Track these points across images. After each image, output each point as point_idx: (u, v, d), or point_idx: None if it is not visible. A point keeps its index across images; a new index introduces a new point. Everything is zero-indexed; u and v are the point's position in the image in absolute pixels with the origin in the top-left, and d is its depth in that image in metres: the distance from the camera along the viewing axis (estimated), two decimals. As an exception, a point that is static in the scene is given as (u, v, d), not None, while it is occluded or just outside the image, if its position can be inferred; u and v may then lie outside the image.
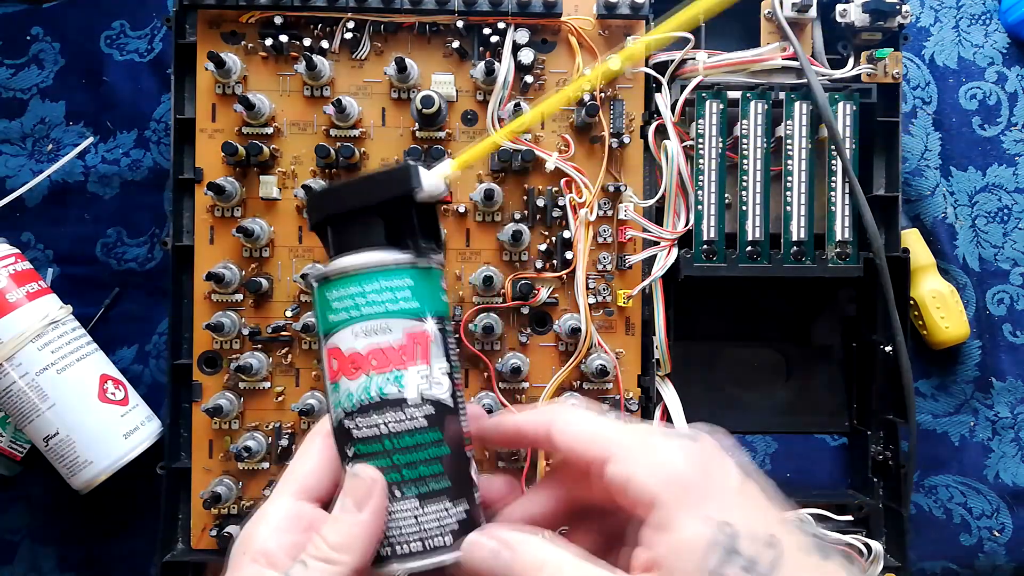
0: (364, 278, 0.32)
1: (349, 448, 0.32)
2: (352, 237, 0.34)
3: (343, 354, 0.32)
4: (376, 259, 0.33)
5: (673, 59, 0.56)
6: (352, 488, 0.31)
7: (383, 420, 0.32)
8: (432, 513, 0.32)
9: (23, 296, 0.55)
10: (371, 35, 0.56)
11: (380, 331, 0.32)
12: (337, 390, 0.32)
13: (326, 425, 0.35)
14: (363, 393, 0.32)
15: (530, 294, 0.55)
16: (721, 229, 0.55)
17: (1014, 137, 0.65)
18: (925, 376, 0.65)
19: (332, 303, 0.32)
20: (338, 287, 0.32)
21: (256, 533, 0.32)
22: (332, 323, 0.32)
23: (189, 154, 0.56)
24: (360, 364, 0.32)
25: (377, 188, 0.34)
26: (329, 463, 0.34)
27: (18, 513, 0.61)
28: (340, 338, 0.32)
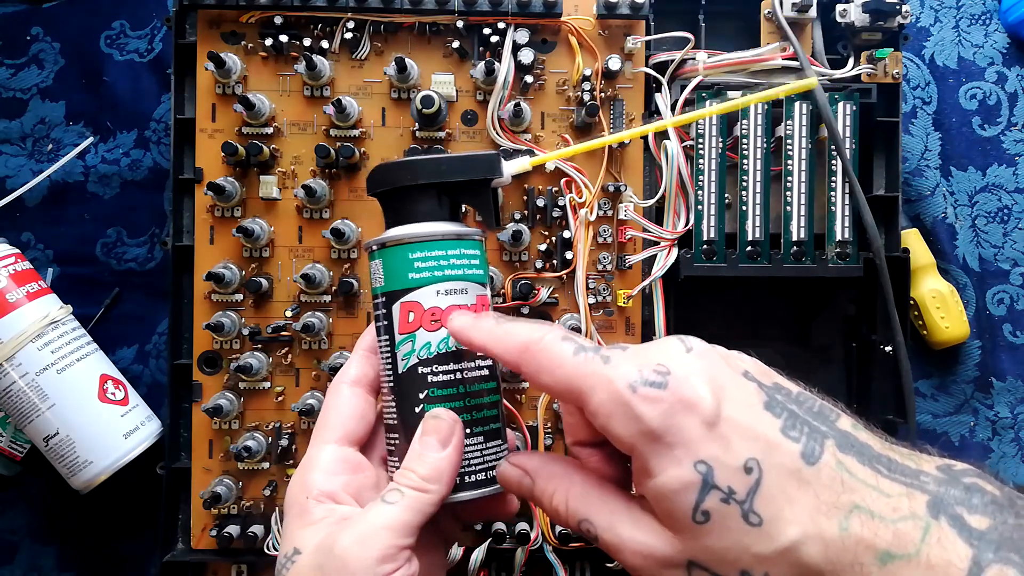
0: (450, 243, 0.37)
1: (422, 391, 0.36)
2: (434, 207, 0.38)
3: (423, 308, 0.36)
4: (460, 229, 0.38)
5: (673, 59, 0.56)
6: (435, 427, 0.35)
7: (459, 367, 0.37)
8: (491, 448, 0.37)
9: (23, 296, 0.55)
10: (371, 35, 0.56)
11: (459, 291, 0.37)
12: (412, 340, 0.36)
13: (351, 373, 0.39)
14: (443, 343, 0.36)
15: (530, 294, 0.55)
16: (721, 229, 0.55)
17: (1014, 137, 0.65)
18: (925, 376, 0.65)
19: (415, 262, 0.36)
20: (425, 248, 0.36)
21: (311, 479, 0.35)
22: (413, 280, 0.36)
23: (189, 154, 0.56)
24: (440, 318, 0.36)
25: (467, 168, 0.38)
26: (361, 410, 0.38)
27: (18, 513, 0.61)
28: (421, 294, 0.36)
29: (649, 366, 0.30)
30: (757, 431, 0.29)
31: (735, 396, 0.29)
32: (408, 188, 0.38)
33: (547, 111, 0.57)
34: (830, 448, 0.28)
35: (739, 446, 0.28)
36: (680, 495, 0.28)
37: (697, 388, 0.29)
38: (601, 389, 0.30)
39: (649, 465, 0.29)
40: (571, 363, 0.31)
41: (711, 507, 0.28)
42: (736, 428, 0.28)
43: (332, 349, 0.56)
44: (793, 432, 0.29)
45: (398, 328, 0.36)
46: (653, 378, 0.29)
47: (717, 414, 0.29)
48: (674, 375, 0.29)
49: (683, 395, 0.29)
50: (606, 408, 0.30)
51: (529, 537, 0.54)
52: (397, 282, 0.37)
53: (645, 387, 0.29)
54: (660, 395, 0.29)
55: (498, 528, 0.55)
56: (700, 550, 0.28)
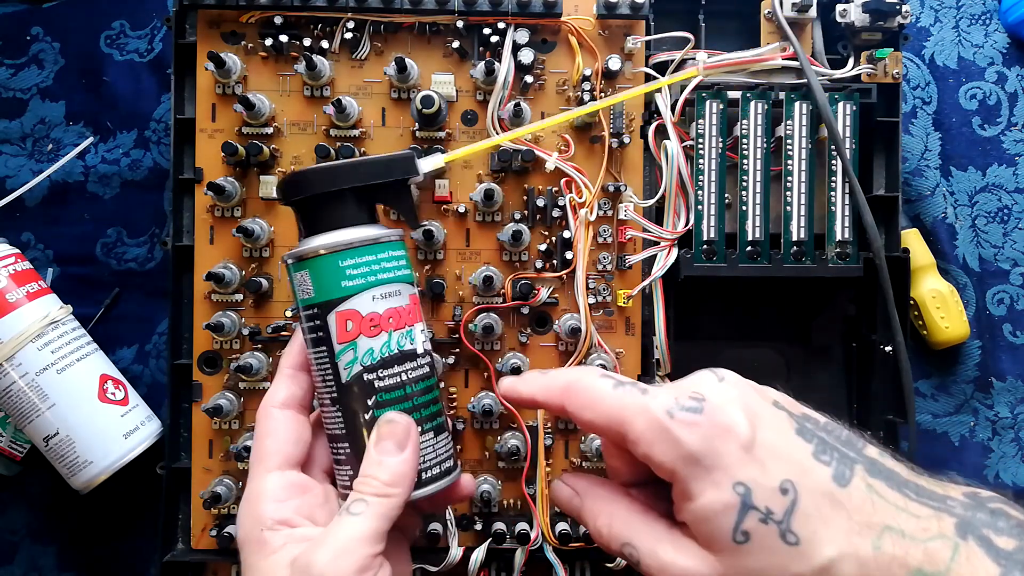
0: (379, 247, 0.37)
1: (370, 398, 0.36)
2: (355, 211, 0.38)
3: (361, 315, 0.36)
4: (386, 232, 0.37)
5: (673, 59, 0.56)
6: (391, 432, 0.36)
7: (403, 370, 0.37)
8: (441, 443, 0.38)
9: (23, 296, 0.55)
10: (371, 35, 0.56)
11: (393, 294, 0.37)
12: (354, 348, 0.36)
13: (279, 397, 0.38)
14: (385, 348, 0.36)
15: (530, 294, 0.55)
16: (721, 229, 0.55)
17: (1014, 137, 0.65)
18: (925, 376, 0.65)
19: (347, 270, 0.36)
20: (355, 255, 0.36)
21: (263, 511, 0.35)
22: (347, 288, 0.36)
23: (189, 154, 0.56)
24: (380, 323, 0.36)
25: (385, 170, 0.38)
26: (296, 433, 0.38)
27: (18, 513, 0.61)
28: (357, 302, 0.36)
29: (685, 394, 0.31)
30: (791, 455, 0.30)
31: (768, 422, 0.31)
32: (327, 194, 0.37)
33: (547, 111, 0.57)
34: (860, 472, 0.30)
35: (775, 468, 0.29)
36: (720, 516, 0.29)
37: (732, 414, 0.30)
38: (641, 417, 0.31)
39: (689, 488, 0.30)
40: (611, 396, 0.32)
41: (750, 527, 0.29)
42: (771, 452, 0.30)
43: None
44: (824, 456, 0.30)
45: (336, 338, 0.36)
46: (689, 404, 0.31)
47: (752, 438, 0.30)
48: (709, 401, 0.31)
49: (719, 420, 0.30)
50: (647, 436, 0.31)
51: (529, 537, 0.54)
52: (329, 292, 0.36)
53: (682, 412, 0.30)
54: (697, 419, 0.30)
55: (498, 528, 0.55)
56: (740, 571, 0.29)
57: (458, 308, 0.56)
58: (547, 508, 0.55)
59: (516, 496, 0.56)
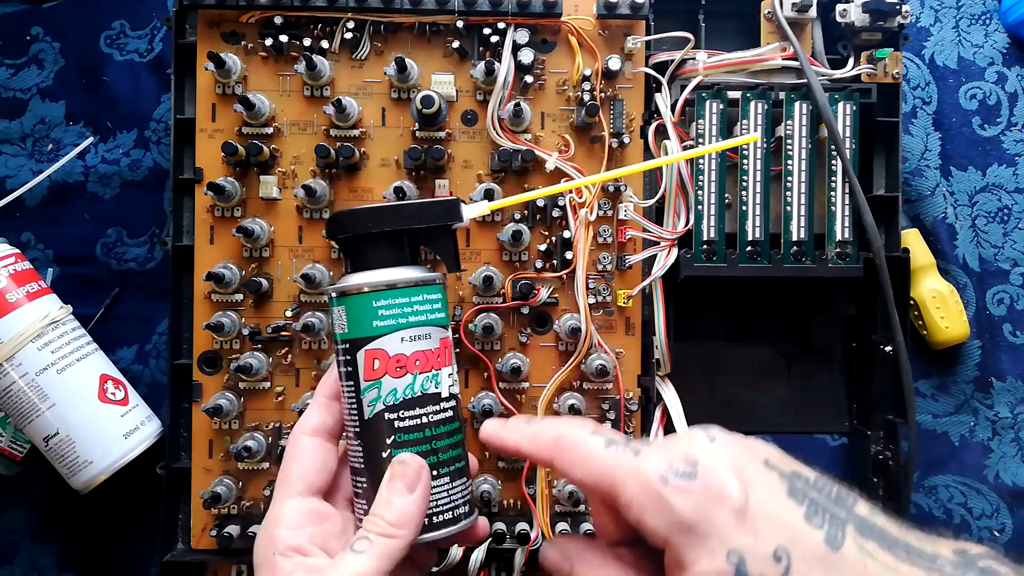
0: (413, 290, 0.37)
1: (389, 437, 0.37)
2: (395, 253, 0.38)
3: (388, 355, 0.37)
4: (423, 275, 0.38)
5: (673, 59, 0.56)
6: (402, 472, 0.36)
7: (424, 412, 0.37)
8: (457, 488, 0.38)
9: (23, 296, 0.55)
10: (371, 35, 0.56)
11: (422, 337, 0.38)
12: (378, 386, 0.37)
13: (309, 423, 0.39)
14: (408, 390, 0.37)
15: (530, 294, 0.55)
16: (721, 229, 0.55)
17: (1014, 137, 0.65)
18: (925, 376, 0.65)
19: (379, 310, 0.37)
20: (389, 296, 0.37)
21: (277, 535, 0.36)
22: (378, 328, 0.37)
23: (189, 154, 0.56)
24: (406, 364, 0.37)
25: (428, 215, 0.39)
26: (322, 460, 0.38)
27: (18, 513, 0.61)
28: (386, 342, 0.37)
29: (678, 457, 0.31)
30: (783, 519, 0.30)
31: (760, 485, 0.31)
32: (370, 234, 0.38)
33: (547, 111, 0.57)
34: (851, 534, 0.29)
35: (768, 534, 0.29)
36: None
37: (725, 478, 0.30)
38: (633, 482, 0.31)
39: (683, 557, 0.30)
40: (603, 456, 0.32)
41: None
42: (764, 517, 0.30)
43: (331, 350, 0.56)
44: (816, 519, 0.30)
45: (363, 375, 0.37)
46: (683, 469, 0.31)
47: (745, 503, 0.30)
48: (702, 465, 0.31)
49: (712, 485, 0.30)
50: (639, 501, 0.31)
51: (529, 537, 0.54)
52: (361, 329, 0.37)
53: (676, 478, 0.30)
54: (691, 486, 0.30)
55: (498, 528, 0.55)
56: None
57: (458, 308, 0.56)
58: (547, 508, 0.55)
59: (516, 496, 0.56)
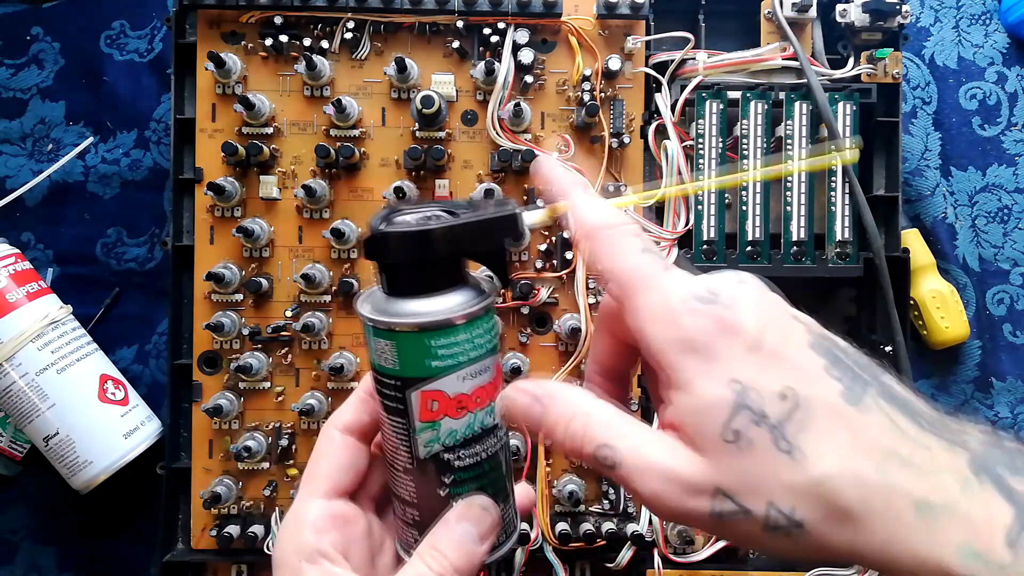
0: (472, 325, 0.33)
1: (447, 476, 0.34)
2: (449, 278, 0.33)
3: (447, 396, 0.33)
4: (481, 304, 0.33)
5: (673, 59, 0.56)
6: (479, 520, 0.34)
7: (483, 448, 0.34)
8: (509, 510, 0.36)
9: (23, 296, 0.55)
10: (371, 35, 0.56)
11: (482, 371, 0.34)
12: (436, 428, 0.33)
13: (344, 419, 0.37)
14: (467, 429, 0.34)
15: (530, 294, 0.55)
16: (721, 229, 0.55)
17: (1014, 137, 0.65)
18: (925, 376, 0.65)
19: (438, 351, 0.32)
20: (448, 335, 0.32)
21: (303, 539, 0.34)
22: (436, 368, 0.32)
23: (189, 154, 0.56)
24: (466, 404, 0.33)
25: (488, 234, 0.33)
26: (352, 460, 0.36)
27: (18, 513, 0.61)
28: (445, 383, 0.33)
29: (702, 285, 0.29)
30: (799, 363, 0.28)
31: (781, 330, 0.29)
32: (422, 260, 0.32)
33: (547, 111, 0.57)
34: (872, 394, 0.27)
35: (777, 373, 0.27)
36: (710, 410, 0.27)
37: (743, 312, 0.28)
38: (652, 291, 0.29)
39: (679, 376, 0.28)
40: (634, 256, 0.30)
41: (741, 427, 0.26)
42: (777, 357, 0.28)
43: (332, 349, 0.56)
44: (836, 372, 0.27)
45: (418, 415, 0.33)
46: (703, 295, 0.29)
47: (760, 341, 0.28)
48: (725, 295, 0.29)
49: (728, 316, 0.28)
50: (650, 310, 0.29)
51: (529, 537, 0.54)
52: (415, 369, 0.32)
53: (693, 301, 0.28)
54: (706, 309, 0.28)
55: (498, 528, 0.55)
56: (728, 474, 0.26)
57: (458, 308, 0.56)
58: (547, 508, 0.55)
59: (516, 496, 0.56)
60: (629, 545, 0.54)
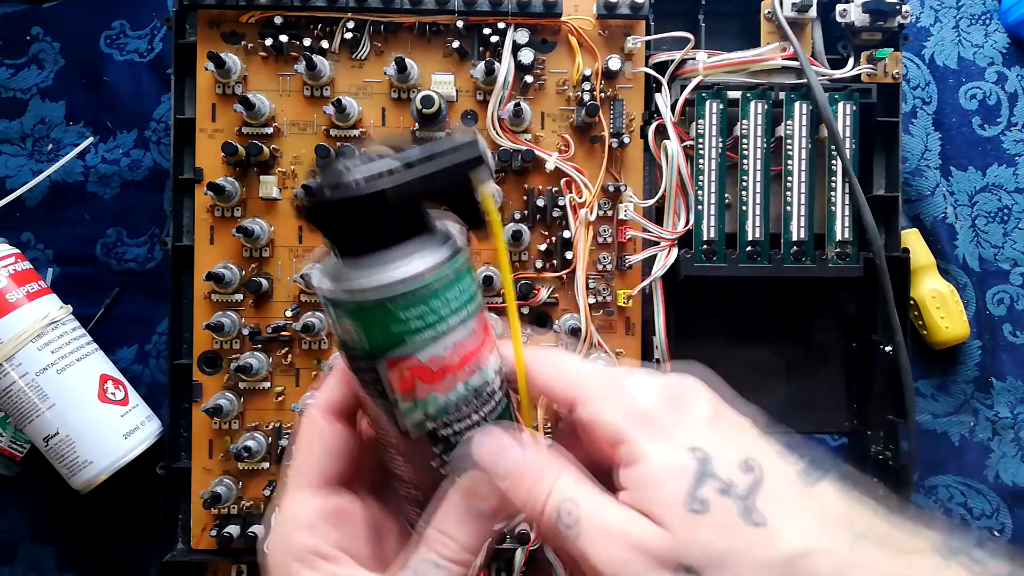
0: (439, 281, 0.28)
1: (438, 446, 0.30)
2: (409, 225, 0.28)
3: (424, 366, 0.29)
4: (444, 254, 0.28)
5: (673, 59, 0.56)
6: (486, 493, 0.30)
7: (474, 410, 0.30)
8: None
9: (23, 296, 0.55)
10: (371, 35, 0.56)
11: (461, 331, 0.29)
12: (417, 400, 0.29)
13: (326, 400, 0.32)
14: (453, 394, 0.29)
15: (530, 294, 0.55)
16: (721, 229, 0.55)
17: (1014, 137, 0.65)
18: (925, 376, 0.65)
19: (403, 316, 0.27)
20: (411, 298, 0.27)
21: (295, 539, 0.31)
22: (405, 337, 0.28)
23: (189, 154, 0.56)
24: (448, 369, 0.29)
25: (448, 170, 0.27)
26: (342, 444, 0.32)
27: (18, 513, 0.61)
28: (419, 351, 0.28)
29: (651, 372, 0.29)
30: (757, 443, 0.27)
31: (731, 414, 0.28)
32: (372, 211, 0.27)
33: (547, 111, 0.57)
34: (830, 480, 0.26)
35: (736, 445, 0.26)
36: (673, 479, 0.25)
37: (697, 392, 0.28)
38: (596, 378, 0.29)
39: (635, 448, 0.26)
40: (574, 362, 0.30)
41: (707, 496, 0.25)
42: (734, 431, 0.27)
43: (332, 349, 0.56)
44: (792, 457, 0.27)
45: (392, 387, 0.29)
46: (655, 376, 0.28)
47: (716, 415, 0.27)
48: (674, 378, 0.28)
49: (682, 393, 0.28)
50: (598, 393, 0.28)
51: (529, 537, 0.54)
52: (383, 341, 0.28)
53: (646, 379, 0.28)
54: (659, 386, 0.28)
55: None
56: (694, 548, 0.24)
57: (458, 308, 0.56)
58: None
59: (516, 496, 0.56)
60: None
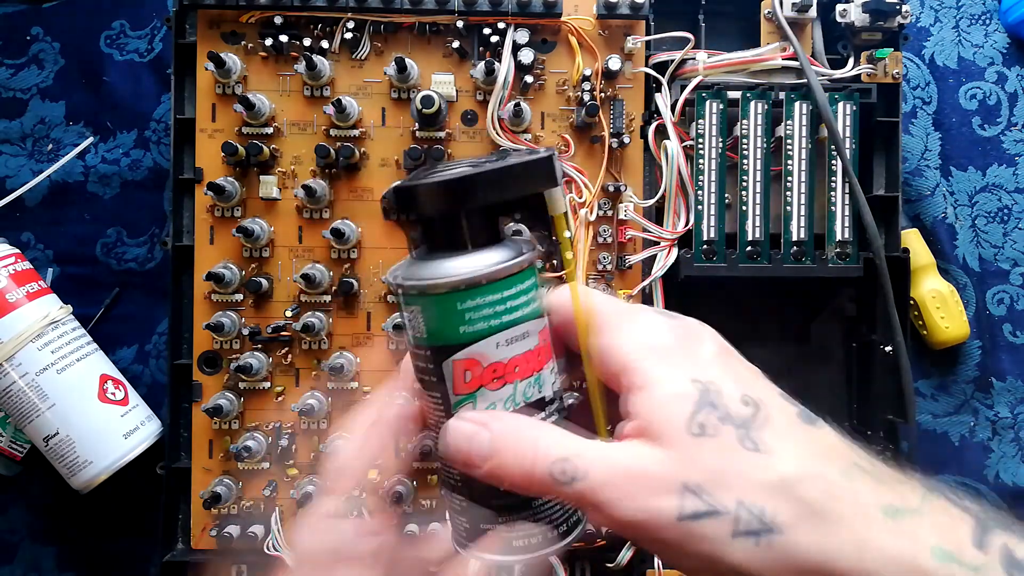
0: (507, 283, 0.30)
1: None
2: (482, 232, 0.31)
3: (481, 365, 0.30)
4: (515, 260, 0.30)
5: (673, 59, 0.56)
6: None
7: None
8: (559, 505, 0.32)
9: (23, 296, 0.55)
10: (371, 35, 0.56)
11: (520, 337, 0.30)
12: (473, 401, 0.30)
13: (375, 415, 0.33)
14: (509, 402, 0.30)
15: (530, 294, 0.55)
16: (721, 229, 0.55)
17: (1014, 137, 0.65)
18: (925, 376, 0.65)
19: (466, 313, 0.29)
20: (477, 296, 0.29)
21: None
22: (467, 335, 0.30)
23: (189, 154, 0.56)
24: (504, 374, 0.30)
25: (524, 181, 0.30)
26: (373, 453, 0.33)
27: (18, 513, 0.61)
28: (479, 349, 0.30)
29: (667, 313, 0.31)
30: (757, 383, 0.28)
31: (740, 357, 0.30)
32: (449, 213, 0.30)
33: (547, 111, 0.57)
34: (825, 421, 0.28)
35: (737, 383, 0.28)
36: (675, 403, 0.27)
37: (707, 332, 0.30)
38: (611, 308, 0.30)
39: (644, 377, 0.28)
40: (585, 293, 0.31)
41: (707, 420, 0.26)
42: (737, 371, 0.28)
43: (332, 349, 0.56)
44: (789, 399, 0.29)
45: (453, 388, 0.30)
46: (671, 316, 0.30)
47: (721, 354, 0.29)
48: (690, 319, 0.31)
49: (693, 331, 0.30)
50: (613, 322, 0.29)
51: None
52: (445, 337, 0.30)
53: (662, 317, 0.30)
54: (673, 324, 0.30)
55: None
56: (694, 468, 0.26)
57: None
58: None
59: (516, 496, 0.56)
60: (629, 545, 0.54)
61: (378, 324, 0.56)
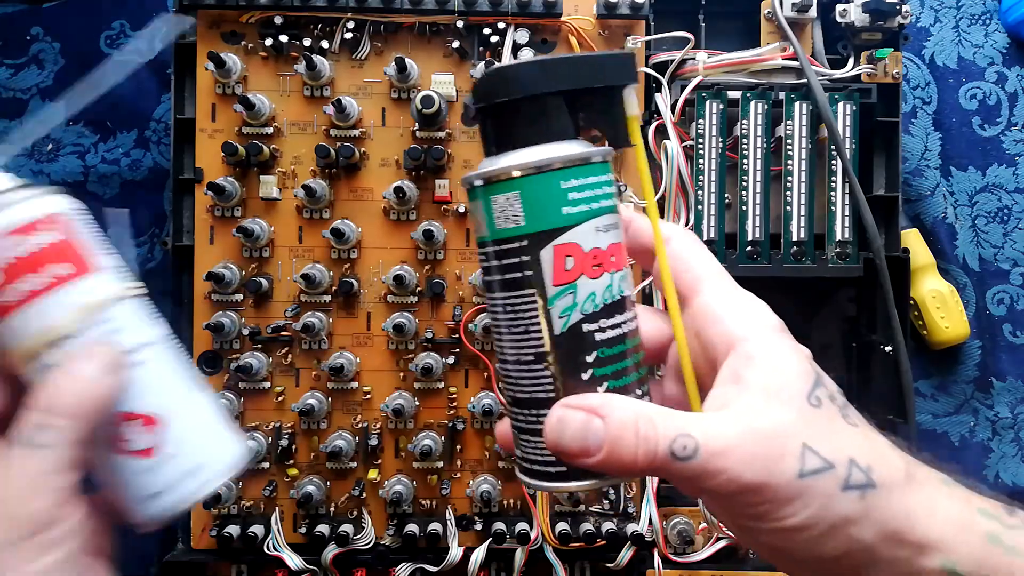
0: (602, 167, 0.30)
1: (590, 354, 0.30)
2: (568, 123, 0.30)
3: (583, 251, 0.29)
4: (607, 147, 0.30)
5: (673, 59, 0.56)
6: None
7: (624, 320, 0.30)
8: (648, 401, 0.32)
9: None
10: (371, 35, 0.56)
11: (613, 226, 0.30)
12: (573, 292, 0.29)
13: None
14: (607, 292, 0.30)
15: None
16: (721, 229, 0.55)
17: (1014, 137, 0.65)
18: (925, 376, 0.65)
19: (569, 193, 0.29)
20: (581, 175, 0.29)
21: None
22: (569, 217, 0.29)
23: (189, 154, 0.56)
24: (602, 261, 0.29)
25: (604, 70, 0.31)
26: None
27: (18, 513, 0.61)
28: (580, 233, 0.29)
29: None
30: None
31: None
32: (537, 99, 0.29)
33: (547, 111, 0.56)
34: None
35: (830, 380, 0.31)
36: (800, 376, 0.29)
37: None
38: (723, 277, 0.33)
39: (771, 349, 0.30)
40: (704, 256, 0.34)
41: (821, 396, 0.29)
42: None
43: (332, 349, 0.56)
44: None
45: (552, 278, 0.29)
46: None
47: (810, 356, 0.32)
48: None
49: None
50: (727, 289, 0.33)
51: (529, 537, 0.54)
52: (547, 220, 0.29)
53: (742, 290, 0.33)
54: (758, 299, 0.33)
55: (498, 528, 0.55)
56: (814, 433, 0.28)
57: (458, 308, 0.56)
58: (547, 508, 0.55)
59: (516, 496, 0.56)
60: (629, 545, 0.54)
61: (378, 324, 0.56)
